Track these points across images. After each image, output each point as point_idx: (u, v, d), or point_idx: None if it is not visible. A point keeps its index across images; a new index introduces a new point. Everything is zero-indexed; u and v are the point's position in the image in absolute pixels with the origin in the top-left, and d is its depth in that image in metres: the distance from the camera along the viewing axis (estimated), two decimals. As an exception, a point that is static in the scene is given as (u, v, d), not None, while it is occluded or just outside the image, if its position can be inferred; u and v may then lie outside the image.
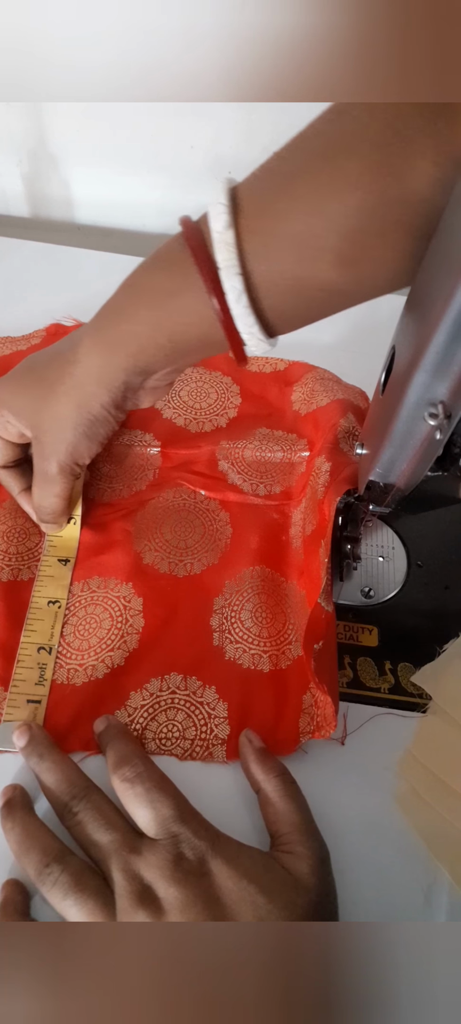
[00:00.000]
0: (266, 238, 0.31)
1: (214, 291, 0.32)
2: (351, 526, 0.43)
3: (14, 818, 0.33)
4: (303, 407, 0.53)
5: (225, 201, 0.31)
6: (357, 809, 0.36)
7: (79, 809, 0.32)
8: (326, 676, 0.37)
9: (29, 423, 0.40)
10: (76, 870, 0.31)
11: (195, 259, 0.32)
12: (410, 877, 0.34)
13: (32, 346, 0.57)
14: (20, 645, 0.40)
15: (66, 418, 0.38)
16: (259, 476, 0.50)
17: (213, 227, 0.31)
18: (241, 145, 0.67)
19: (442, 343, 0.26)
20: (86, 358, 0.37)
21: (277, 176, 0.32)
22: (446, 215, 0.27)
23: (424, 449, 0.31)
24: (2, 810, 0.33)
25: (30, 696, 0.38)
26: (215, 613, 0.42)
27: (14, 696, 0.38)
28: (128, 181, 0.73)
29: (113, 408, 0.38)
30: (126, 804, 0.33)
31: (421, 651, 0.41)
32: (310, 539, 0.43)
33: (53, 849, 0.31)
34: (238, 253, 0.31)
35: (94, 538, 0.45)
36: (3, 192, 0.76)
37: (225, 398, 0.55)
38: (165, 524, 0.46)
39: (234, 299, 0.32)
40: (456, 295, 0.24)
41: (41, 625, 0.40)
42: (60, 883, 0.30)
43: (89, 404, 0.37)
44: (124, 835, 0.32)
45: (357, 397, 0.53)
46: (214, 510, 0.48)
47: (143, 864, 0.30)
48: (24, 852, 0.32)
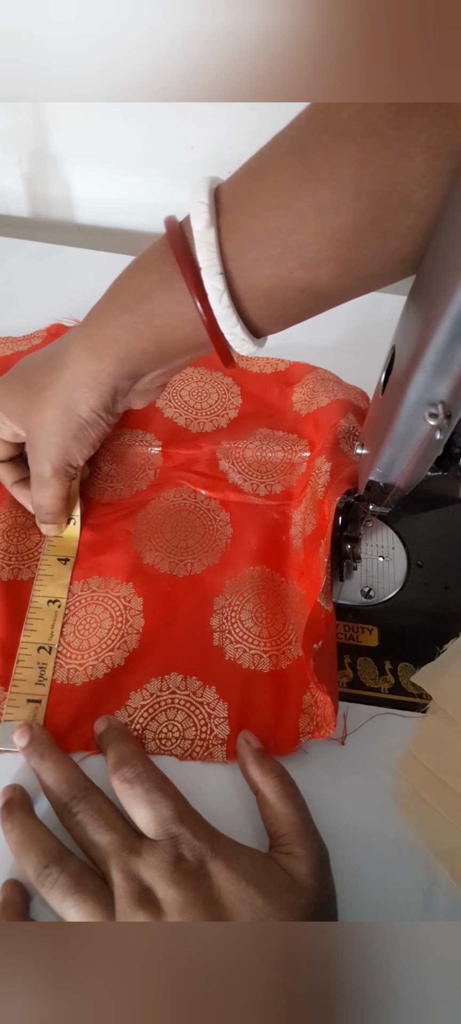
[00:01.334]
0: (243, 236, 0.30)
1: (196, 292, 0.31)
2: (351, 526, 0.43)
3: (13, 819, 0.33)
4: (304, 407, 0.53)
5: (206, 200, 0.31)
6: (357, 809, 0.36)
7: (79, 810, 0.32)
8: (326, 676, 0.37)
9: (22, 426, 0.40)
10: (75, 871, 0.31)
11: (177, 259, 0.31)
12: (410, 877, 0.34)
13: (33, 346, 0.57)
14: (20, 644, 0.40)
15: (55, 422, 0.38)
16: (260, 476, 0.50)
17: (195, 226, 0.31)
18: (241, 145, 0.67)
19: (442, 343, 0.26)
20: (74, 363, 0.37)
21: (254, 172, 0.31)
22: (446, 215, 0.27)
23: (424, 449, 0.31)
24: (2, 810, 0.33)
25: (30, 696, 0.38)
26: (215, 613, 0.42)
27: (14, 696, 0.38)
28: (128, 181, 0.73)
29: (103, 412, 0.38)
30: (126, 805, 0.33)
31: (421, 651, 0.41)
32: (310, 539, 0.43)
33: (52, 850, 0.31)
34: (219, 252, 0.30)
35: (94, 538, 0.45)
36: (3, 192, 0.76)
37: (226, 398, 0.55)
38: (165, 524, 0.46)
39: (216, 300, 0.31)
40: (456, 295, 0.24)
41: (41, 624, 0.40)
42: (59, 884, 0.30)
43: (78, 408, 0.37)
44: (123, 836, 0.31)
45: (357, 397, 0.53)
46: (214, 510, 0.48)
47: (142, 865, 0.30)
48: (23, 853, 0.31)
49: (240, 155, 0.32)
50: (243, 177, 0.32)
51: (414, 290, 0.31)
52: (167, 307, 0.33)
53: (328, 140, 0.28)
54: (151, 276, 0.33)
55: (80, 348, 0.37)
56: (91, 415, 0.38)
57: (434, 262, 0.28)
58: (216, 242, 0.30)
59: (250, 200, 0.30)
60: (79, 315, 0.59)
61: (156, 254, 0.33)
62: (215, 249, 0.30)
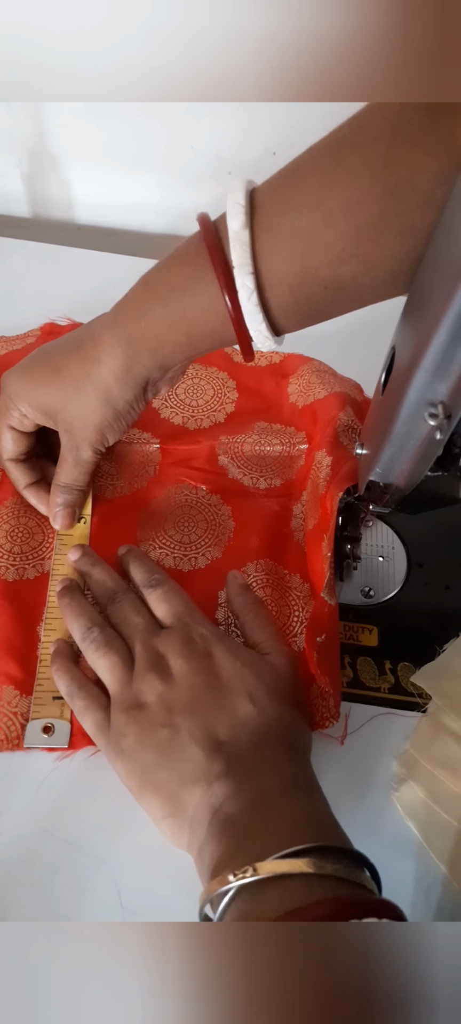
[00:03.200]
0: (275, 234, 0.32)
1: (227, 288, 0.33)
2: (351, 526, 0.43)
3: (72, 594, 0.41)
4: (300, 399, 0.53)
5: (243, 201, 0.32)
6: (357, 809, 0.36)
7: (118, 600, 0.40)
8: (328, 668, 0.37)
9: (54, 417, 0.41)
10: (109, 635, 0.38)
11: (210, 256, 0.33)
12: (410, 877, 0.34)
13: (27, 345, 0.57)
14: (41, 644, 0.40)
15: (95, 414, 0.40)
16: (259, 470, 0.50)
17: (230, 226, 0.32)
18: (241, 145, 0.67)
19: (442, 343, 0.26)
20: (109, 358, 0.38)
21: (288, 173, 0.33)
22: (446, 215, 0.27)
23: (424, 449, 0.31)
24: (60, 590, 0.41)
25: (55, 693, 0.38)
26: (220, 607, 0.42)
27: (40, 695, 0.38)
28: (128, 181, 0.73)
29: (135, 402, 0.40)
30: (151, 603, 0.40)
31: (421, 651, 0.41)
32: (313, 533, 0.44)
33: (96, 619, 0.39)
34: (251, 252, 0.32)
35: (101, 536, 0.46)
36: (3, 192, 0.76)
37: (222, 393, 0.55)
38: (168, 521, 0.47)
39: (246, 297, 0.33)
40: (456, 295, 0.24)
41: (60, 624, 0.41)
42: (96, 641, 0.38)
43: (114, 401, 0.40)
44: (148, 622, 0.38)
45: (353, 390, 0.53)
46: (216, 504, 0.48)
47: (160, 641, 0.37)
48: (74, 617, 0.39)
49: (240, 155, 0.32)
50: (279, 178, 0.33)
51: (414, 290, 0.31)
52: (199, 301, 0.35)
53: (361, 140, 0.30)
54: (185, 270, 0.35)
55: (115, 342, 0.38)
56: (126, 406, 0.40)
57: (434, 262, 0.28)
58: (249, 242, 0.32)
59: (283, 199, 0.32)
60: (79, 315, 0.60)
61: (191, 249, 0.35)
62: (248, 249, 0.32)
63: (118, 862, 0.34)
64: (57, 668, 0.38)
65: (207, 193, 0.71)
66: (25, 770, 0.36)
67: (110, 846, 0.34)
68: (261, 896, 0.27)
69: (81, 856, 0.34)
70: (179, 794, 0.32)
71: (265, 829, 0.29)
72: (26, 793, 0.36)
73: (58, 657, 0.39)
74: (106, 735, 0.35)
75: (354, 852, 0.28)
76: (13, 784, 0.36)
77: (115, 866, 0.34)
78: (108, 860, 0.34)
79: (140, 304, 0.37)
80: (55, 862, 0.33)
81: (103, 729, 0.35)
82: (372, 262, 0.31)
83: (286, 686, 0.36)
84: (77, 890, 0.33)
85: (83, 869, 0.33)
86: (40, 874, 0.33)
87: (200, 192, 0.72)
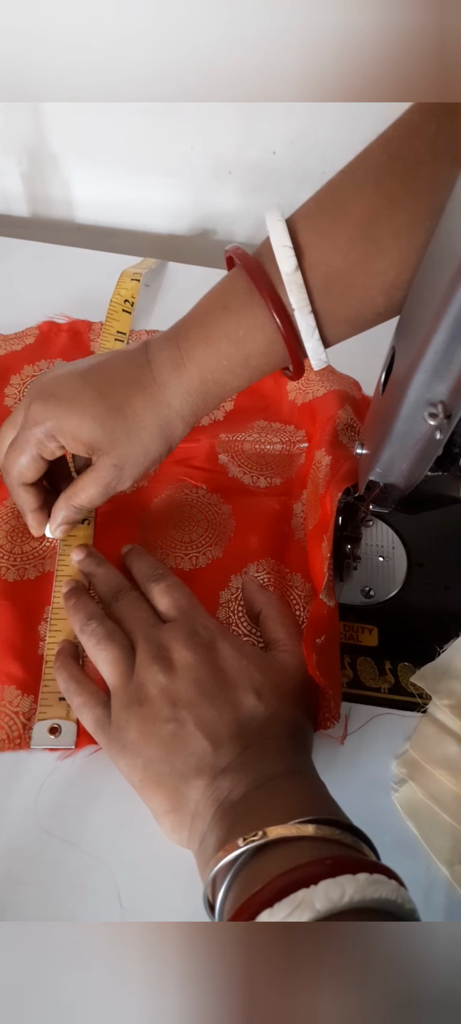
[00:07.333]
0: (328, 272, 0.33)
1: (287, 330, 0.34)
2: (351, 526, 0.43)
3: (77, 595, 0.41)
4: (299, 396, 0.53)
5: (289, 243, 0.33)
6: (357, 809, 0.35)
7: (122, 598, 0.40)
8: (328, 670, 0.37)
9: (100, 450, 0.39)
10: (110, 628, 0.38)
11: (270, 304, 0.33)
12: (410, 877, 0.34)
13: (25, 345, 0.57)
14: (46, 645, 0.40)
15: (153, 450, 0.40)
16: (259, 469, 0.50)
17: (283, 270, 0.33)
18: (241, 145, 0.67)
19: (442, 343, 0.26)
20: (173, 399, 0.38)
21: (331, 206, 0.34)
22: (445, 215, 0.27)
23: (424, 449, 0.31)
24: (67, 592, 0.41)
25: (61, 693, 0.38)
26: (221, 607, 0.42)
27: (46, 695, 0.38)
28: (128, 181, 0.73)
29: (187, 433, 0.40)
30: (153, 597, 0.40)
31: (421, 651, 0.41)
32: (313, 533, 0.44)
33: (96, 612, 0.39)
34: (307, 293, 0.33)
35: (104, 536, 0.46)
36: (3, 192, 0.76)
37: None
38: (169, 520, 0.47)
39: (308, 335, 0.34)
40: (456, 295, 0.24)
41: (65, 624, 0.41)
42: (96, 633, 0.38)
43: (174, 440, 0.40)
44: (150, 615, 0.39)
45: (352, 387, 0.53)
46: (216, 503, 0.48)
47: (163, 633, 0.37)
48: (75, 611, 0.40)
49: (240, 155, 0.32)
50: (319, 212, 0.34)
51: (414, 290, 0.31)
52: (260, 347, 0.36)
53: (402, 167, 0.31)
54: (244, 321, 0.35)
55: (178, 385, 0.38)
56: (180, 439, 0.40)
57: (434, 262, 0.28)
58: (303, 283, 0.33)
59: (332, 234, 0.33)
60: (79, 314, 0.60)
61: (242, 296, 0.35)
62: (304, 291, 0.33)
63: (118, 862, 0.34)
64: (57, 666, 0.39)
65: (207, 193, 0.71)
66: (26, 770, 0.36)
67: (110, 846, 0.34)
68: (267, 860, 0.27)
69: (81, 856, 0.34)
70: (181, 788, 0.32)
71: (269, 804, 0.30)
72: (27, 793, 0.36)
73: (59, 656, 0.39)
74: (107, 731, 0.35)
75: (356, 828, 0.29)
76: (14, 784, 0.36)
77: (115, 866, 0.34)
78: (108, 860, 0.34)
79: (201, 355, 0.37)
80: (55, 862, 0.33)
81: (103, 725, 0.35)
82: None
83: (292, 684, 0.36)
84: (77, 890, 0.33)
85: (83, 869, 0.33)
86: (40, 874, 0.33)
87: (200, 192, 0.72)
